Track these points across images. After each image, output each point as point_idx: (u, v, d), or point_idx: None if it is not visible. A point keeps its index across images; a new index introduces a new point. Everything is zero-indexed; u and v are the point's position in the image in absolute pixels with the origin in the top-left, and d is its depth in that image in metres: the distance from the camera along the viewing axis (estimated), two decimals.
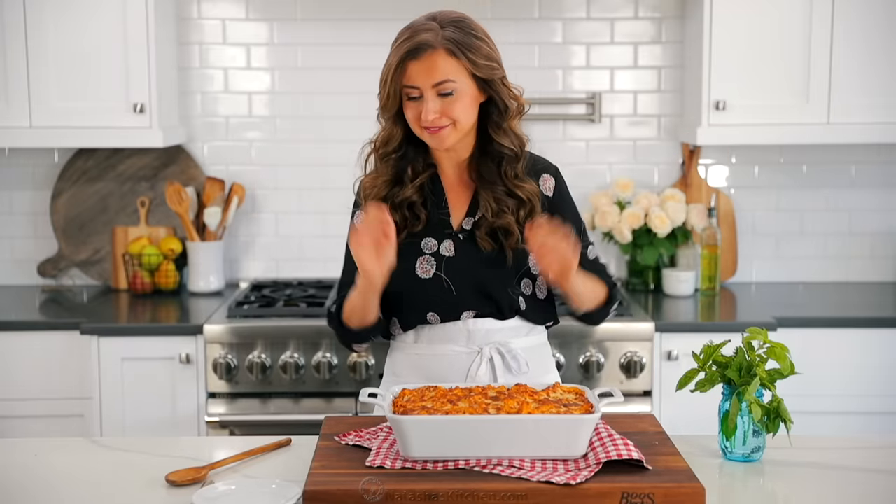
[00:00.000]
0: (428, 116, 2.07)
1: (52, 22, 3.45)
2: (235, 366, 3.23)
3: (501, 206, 2.16)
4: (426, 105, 2.07)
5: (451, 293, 2.17)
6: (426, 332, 2.22)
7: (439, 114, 2.07)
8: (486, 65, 2.09)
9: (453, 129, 2.10)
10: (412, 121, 2.11)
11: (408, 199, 2.17)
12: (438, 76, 2.06)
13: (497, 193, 2.16)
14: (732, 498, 1.90)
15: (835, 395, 3.33)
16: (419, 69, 2.06)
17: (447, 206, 2.20)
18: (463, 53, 2.07)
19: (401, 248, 2.09)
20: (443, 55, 2.06)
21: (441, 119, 2.08)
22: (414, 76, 2.07)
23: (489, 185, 2.17)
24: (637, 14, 3.82)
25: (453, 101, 2.08)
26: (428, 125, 2.09)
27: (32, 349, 3.30)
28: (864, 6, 3.45)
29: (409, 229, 2.17)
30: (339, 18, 3.79)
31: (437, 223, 2.19)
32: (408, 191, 2.17)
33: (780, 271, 3.92)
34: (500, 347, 2.21)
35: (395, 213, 2.15)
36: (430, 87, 2.07)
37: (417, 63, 2.06)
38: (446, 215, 2.20)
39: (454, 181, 2.22)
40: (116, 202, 3.85)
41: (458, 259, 2.18)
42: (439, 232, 2.19)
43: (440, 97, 2.07)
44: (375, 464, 1.85)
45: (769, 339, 2.00)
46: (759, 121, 3.50)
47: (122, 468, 2.01)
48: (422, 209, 2.18)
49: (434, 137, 2.11)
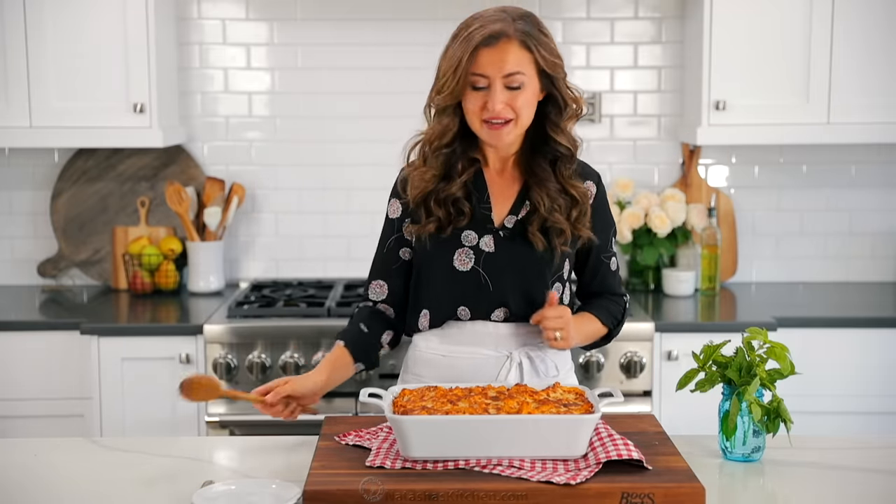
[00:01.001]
0: (496, 106, 2.06)
1: (51, 22, 3.45)
2: (235, 366, 3.23)
3: (555, 203, 2.16)
4: (494, 96, 2.06)
5: (488, 289, 2.17)
6: (454, 333, 2.21)
7: (505, 104, 2.07)
8: (552, 61, 2.10)
9: (514, 126, 2.10)
10: (473, 112, 2.10)
11: (453, 195, 2.16)
12: (510, 67, 2.06)
13: (550, 191, 2.16)
14: (732, 498, 1.90)
15: (834, 395, 3.33)
16: (491, 58, 2.06)
17: (489, 202, 2.20)
18: (535, 46, 2.08)
19: (441, 240, 2.15)
20: (516, 45, 2.06)
21: (506, 110, 2.07)
22: (485, 64, 2.06)
23: (542, 182, 2.17)
24: (637, 14, 3.82)
25: (519, 95, 2.08)
26: (494, 115, 2.07)
27: (32, 349, 3.30)
28: (864, 6, 3.45)
29: (454, 224, 2.17)
30: (339, 18, 3.79)
31: (479, 217, 2.18)
32: (454, 187, 2.16)
33: (780, 271, 3.92)
34: (529, 352, 2.21)
35: (439, 208, 2.15)
36: (500, 77, 2.06)
37: (490, 51, 2.05)
38: (488, 210, 2.19)
39: (497, 177, 2.22)
40: (116, 202, 3.85)
41: (498, 256, 2.17)
42: (480, 226, 2.18)
43: (507, 90, 2.07)
44: (375, 464, 1.85)
45: (769, 339, 2.01)
46: (760, 121, 3.50)
47: (122, 468, 2.01)
48: (466, 204, 2.17)
49: (494, 133, 2.10)
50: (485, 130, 2.11)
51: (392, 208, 2.26)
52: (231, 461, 2.09)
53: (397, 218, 2.24)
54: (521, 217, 2.19)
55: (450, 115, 2.13)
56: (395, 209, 2.25)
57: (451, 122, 2.14)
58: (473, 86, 2.08)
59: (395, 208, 2.25)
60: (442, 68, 2.11)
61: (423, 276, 2.21)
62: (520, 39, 2.07)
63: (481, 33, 2.06)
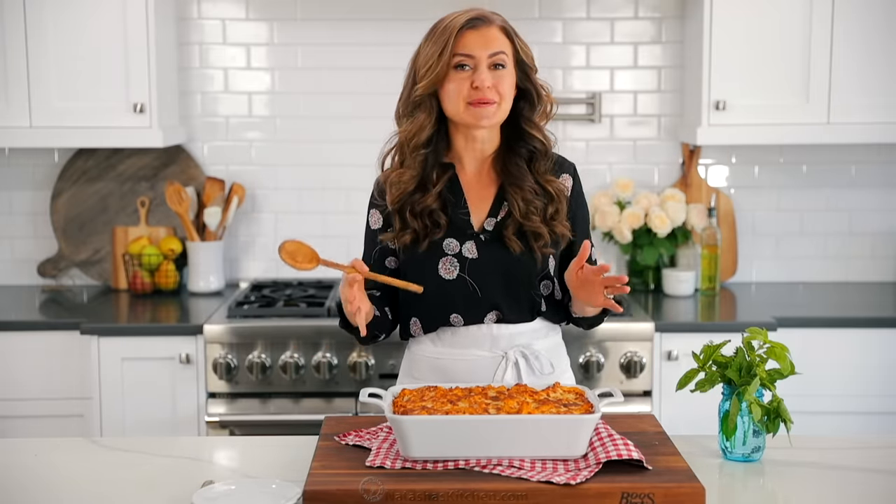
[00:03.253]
0: (484, 83, 2.09)
1: (52, 22, 3.45)
2: (235, 366, 3.23)
3: (530, 206, 2.16)
4: (481, 73, 2.10)
5: (476, 295, 2.17)
6: (448, 336, 2.21)
7: (491, 86, 2.10)
8: (528, 52, 2.18)
9: (498, 109, 2.13)
10: (457, 94, 2.11)
11: (429, 206, 2.16)
12: (495, 46, 2.12)
13: (525, 193, 2.16)
14: (732, 498, 1.90)
15: (834, 395, 3.33)
16: (476, 38, 2.11)
17: (466, 206, 2.20)
18: (514, 34, 2.16)
19: (423, 251, 2.15)
20: (498, 30, 2.15)
21: (491, 91, 2.10)
22: (471, 45, 2.11)
23: (517, 182, 2.17)
24: (637, 14, 3.82)
25: (504, 76, 2.12)
26: (480, 96, 2.10)
27: (32, 349, 3.30)
28: (864, 6, 3.45)
29: (430, 237, 2.17)
30: (339, 18, 3.79)
31: (457, 224, 2.18)
32: (429, 198, 2.16)
33: (780, 271, 3.92)
34: (524, 350, 2.20)
35: (415, 220, 2.15)
36: (486, 57, 2.11)
37: (475, 33, 2.12)
38: (466, 215, 2.19)
39: (474, 180, 2.22)
40: (116, 202, 3.85)
41: (483, 261, 2.17)
42: (461, 233, 2.18)
43: (492, 70, 2.11)
44: (375, 464, 1.85)
45: (769, 339, 2.01)
46: (760, 121, 3.50)
47: (122, 468, 2.01)
48: (441, 215, 2.17)
49: (480, 111, 2.12)
50: (470, 111, 2.12)
51: (373, 219, 2.25)
52: (231, 461, 2.09)
53: (379, 228, 2.24)
54: (499, 219, 2.19)
55: (425, 110, 2.15)
56: (376, 219, 2.25)
57: (426, 119, 2.15)
58: (458, 65, 2.11)
59: (376, 219, 2.25)
60: (420, 60, 2.15)
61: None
62: (500, 26, 2.16)
63: (464, 17, 2.13)
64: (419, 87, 2.13)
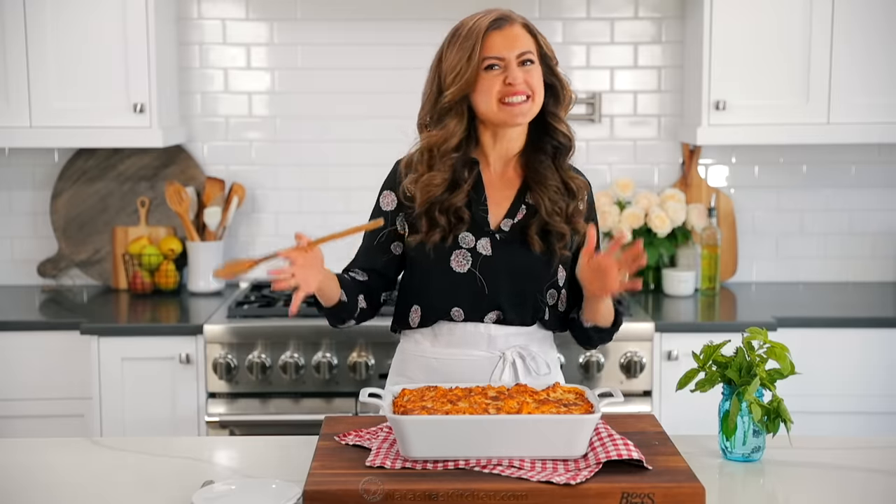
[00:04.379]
0: (517, 79, 2.09)
1: (51, 22, 3.44)
2: (235, 366, 3.23)
3: (556, 205, 2.17)
4: (512, 71, 2.10)
5: (483, 292, 2.17)
6: (445, 335, 2.21)
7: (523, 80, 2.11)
8: (549, 47, 2.18)
9: (532, 104, 2.13)
10: (489, 92, 2.11)
11: (455, 204, 2.16)
12: (521, 45, 2.13)
13: (551, 192, 2.17)
14: (732, 498, 1.90)
15: (834, 394, 3.33)
16: (502, 39, 2.12)
17: (486, 204, 2.20)
18: (536, 31, 2.18)
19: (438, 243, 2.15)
20: (521, 29, 2.15)
21: (524, 86, 2.11)
22: (499, 46, 2.11)
23: (543, 181, 2.18)
24: (637, 14, 3.82)
25: (533, 71, 2.13)
26: (514, 91, 2.10)
27: (32, 349, 3.30)
28: (864, 6, 3.45)
29: (454, 232, 2.17)
30: (339, 18, 3.79)
31: (476, 220, 2.18)
32: (458, 196, 2.16)
33: (780, 271, 3.92)
34: (521, 351, 2.21)
35: (442, 216, 2.15)
36: (514, 56, 2.12)
37: (500, 34, 2.12)
38: (485, 212, 2.19)
39: (496, 179, 2.22)
40: (116, 202, 3.85)
41: (496, 259, 2.17)
42: (478, 229, 2.18)
43: (522, 66, 2.12)
44: (375, 464, 1.85)
45: (769, 339, 2.01)
46: (760, 121, 3.50)
47: (122, 468, 2.01)
48: (466, 211, 2.17)
49: (513, 111, 2.12)
50: (504, 111, 2.12)
51: (386, 200, 2.23)
52: (231, 461, 2.09)
53: (391, 210, 2.22)
54: (517, 220, 2.19)
55: (455, 115, 2.14)
56: (390, 201, 2.23)
57: (457, 125, 2.15)
58: (487, 66, 2.11)
59: (390, 200, 2.23)
60: (446, 66, 2.13)
61: (418, 275, 2.20)
62: (523, 23, 2.17)
63: (487, 19, 2.13)
64: (448, 93, 2.12)
